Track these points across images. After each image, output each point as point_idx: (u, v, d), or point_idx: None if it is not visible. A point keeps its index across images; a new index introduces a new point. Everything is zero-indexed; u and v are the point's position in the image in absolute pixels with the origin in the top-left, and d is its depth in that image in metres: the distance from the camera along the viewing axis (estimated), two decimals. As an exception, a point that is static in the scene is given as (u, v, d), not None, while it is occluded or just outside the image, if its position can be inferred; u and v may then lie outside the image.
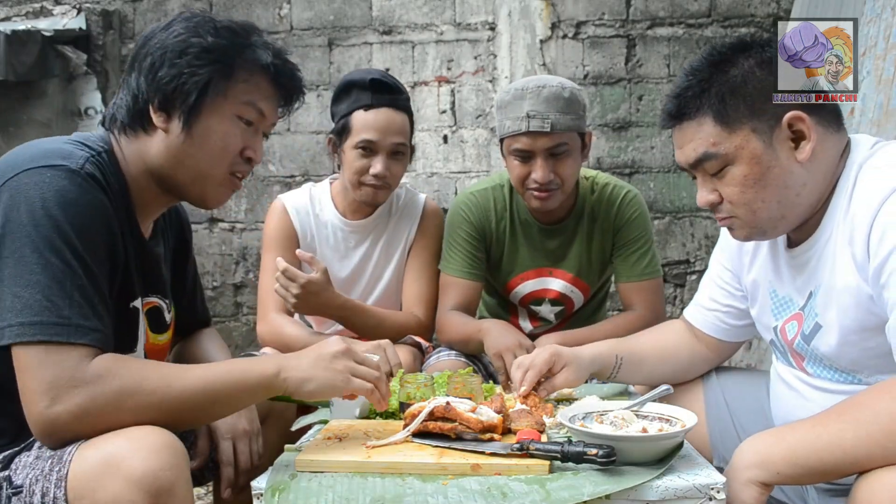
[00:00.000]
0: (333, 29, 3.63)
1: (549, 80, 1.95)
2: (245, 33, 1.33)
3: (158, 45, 1.28)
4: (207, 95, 1.28)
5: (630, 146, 3.54)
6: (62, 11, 3.61)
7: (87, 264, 1.12)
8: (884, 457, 1.05)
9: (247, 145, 1.34)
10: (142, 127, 1.30)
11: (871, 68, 2.43)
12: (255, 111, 1.33)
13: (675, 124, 1.30)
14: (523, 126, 1.90)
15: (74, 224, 1.12)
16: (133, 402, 1.08)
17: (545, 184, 1.92)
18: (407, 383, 1.50)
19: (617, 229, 2.08)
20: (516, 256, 2.12)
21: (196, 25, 1.29)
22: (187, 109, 1.27)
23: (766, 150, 1.22)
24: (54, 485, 1.05)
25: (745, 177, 1.23)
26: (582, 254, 2.10)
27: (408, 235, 2.20)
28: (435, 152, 3.61)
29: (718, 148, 1.23)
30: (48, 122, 3.44)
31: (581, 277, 2.11)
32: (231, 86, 1.30)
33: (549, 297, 2.13)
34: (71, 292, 1.09)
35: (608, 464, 1.11)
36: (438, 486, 1.13)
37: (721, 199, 1.28)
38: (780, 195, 1.23)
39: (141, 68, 1.29)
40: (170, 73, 1.26)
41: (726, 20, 3.49)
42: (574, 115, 1.93)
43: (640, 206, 2.09)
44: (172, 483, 1.02)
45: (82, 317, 1.09)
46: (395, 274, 2.20)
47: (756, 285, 1.45)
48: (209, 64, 1.27)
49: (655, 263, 2.09)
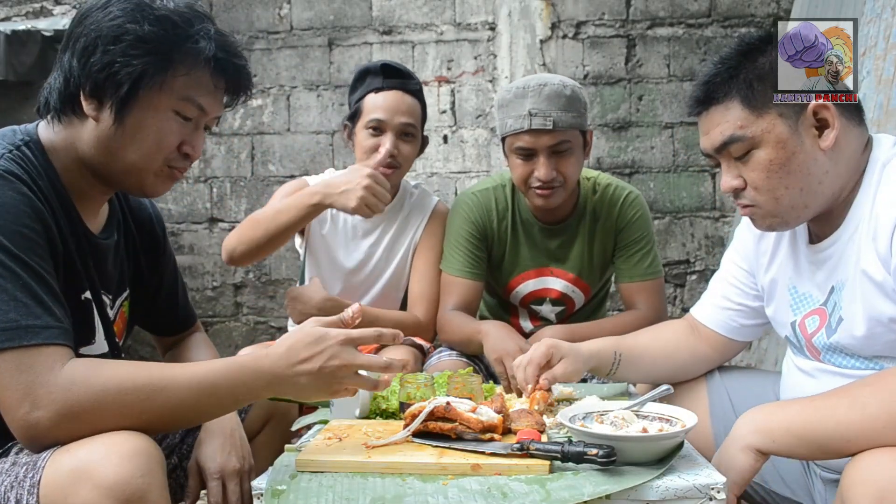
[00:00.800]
0: (333, 29, 3.62)
1: (551, 78, 1.95)
2: (188, 22, 1.23)
3: (93, 26, 1.20)
4: (141, 87, 1.20)
5: (630, 146, 3.54)
6: (62, 11, 3.61)
7: (25, 262, 1.08)
8: (874, 433, 1.06)
9: (184, 140, 1.27)
10: (73, 112, 1.23)
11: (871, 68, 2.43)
12: (194, 107, 1.25)
13: (703, 110, 1.31)
14: (525, 124, 1.90)
15: (3, 226, 1.08)
16: (115, 404, 1.06)
17: (548, 181, 1.93)
18: (407, 383, 1.49)
19: (619, 230, 2.08)
20: (517, 256, 2.12)
21: (134, 9, 1.20)
22: (118, 100, 1.19)
23: (792, 136, 1.24)
24: (27, 492, 1.03)
25: (770, 161, 1.25)
26: (583, 254, 2.10)
27: (415, 232, 2.22)
28: (435, 152, 3.61)
29: (745, 131, 1.25)
30: (48, 122, 3.44)
31: (582, 277, 2.11)
32: (168, 79, 1.21)
33: (550, 297, 2.13)
34: (13, 294, 1.05)
35: (608, 464, 1.11)
36: (438, 486, 1.13)
37: (745, 184, 1.29)
38: (803, 182, 1.25)
39: (74, 49, 1.20)
40: (102, 60, 1.18)
41: (726, 20, 3.49)
42: (575, 113, 1.94)
43: (642, 207, 2.10)
44: (145, 490, 0.99)
45: (30, 316, 1.05)
46: (398, 269, 2.21)
47: (774, 284, 1.45)
48: (144, 55, 1.19)
49: (657, 264, 2.09)
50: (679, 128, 3.52)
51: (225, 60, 1.26)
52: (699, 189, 3.54)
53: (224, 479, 1.34)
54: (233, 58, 1.28)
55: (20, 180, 1.14)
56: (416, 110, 2.13)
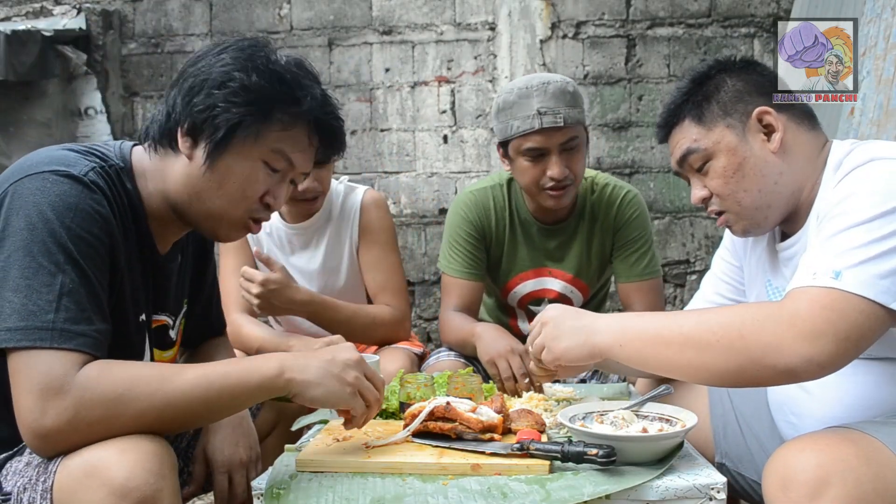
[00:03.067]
0: (333, 29, 3.63)
1: (551, 76, 1.95)
2: (295, 80, 1.25)
3: (204, 68, 1.23)
4: (237, 135, 1.22)
5: (630, 146, 3.54)
6: (62, 11, 3.61)
7: (82, 268, 1.09)
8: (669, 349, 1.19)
9: (268, 191, 1.28)
10: (169, 146, 1.26)
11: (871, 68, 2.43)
12: (283, 160, 1.27)
13: (666, 133, 1.46)
14: (536, 123, 1.88)
15: (70, 228, 1.09)
16: (125, 410, 1.05)
17: (561, 180, 1.91)
18: (407, 383, 1.50)
19: (616, 229, 2.07)
20: (515, 256, 2.12)
21: (247, 59, 1.23)
22: (213, 144, 1.22)
23: (741, 143, 1.35)
24: (40, 495, 1.04)
25: (724, 168, 1.36)
26: (581, 254, 2.10)
27: (351, 235, 2.16)
28: (435, 152, 3.61)
29: (699, 143, 1.38)
30: (48, 122, 3.44)
31: (580, 277, 2.11)
32: (264, 130, 1.23)
33: (549, 297, 2.13)
34: (59, 297, 1.06)
35: (608, 464, 1.11)
36: (438, 486, 1.13)
37: (710, 193, 1.40)
38: (759, 183, 1.34)
39: (181, 88, 1.24)
40: (205, 102, 1.21)
41: (726, 20, 3.49)
42: (580, 109, 1.94)
43: (640, 207, 2.09)
44: (157, 493, 0.99)
45: (69, 321, 1.06)
46: (349, 275, 2.17)
47: (753, 275, 1.50)
48: (245, 104, 1.21)
49: (655, 263, 2.09)
50: (679, 128, 3.52)
51: (323, 122, 1.29)
52: (699, 189, 3.54)
53: (231, 472, 1.35)
54: (332, 120, 1.30)
55: (102, 193, 1.16)
56: None
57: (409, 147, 3.61)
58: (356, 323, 2.01)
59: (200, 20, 3.66)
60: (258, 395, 1.16)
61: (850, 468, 1.01)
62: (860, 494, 1.00)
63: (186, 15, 3.67)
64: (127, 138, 3.61)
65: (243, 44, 1.26)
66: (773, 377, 1.12)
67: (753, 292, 1.50)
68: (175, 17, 3.67)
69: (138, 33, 3.68)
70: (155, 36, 3.68)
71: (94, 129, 3.56)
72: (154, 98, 3.66)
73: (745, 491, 1.52)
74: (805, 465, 1.03)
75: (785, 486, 1.03)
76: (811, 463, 1.02)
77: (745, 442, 1.49)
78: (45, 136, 3.41)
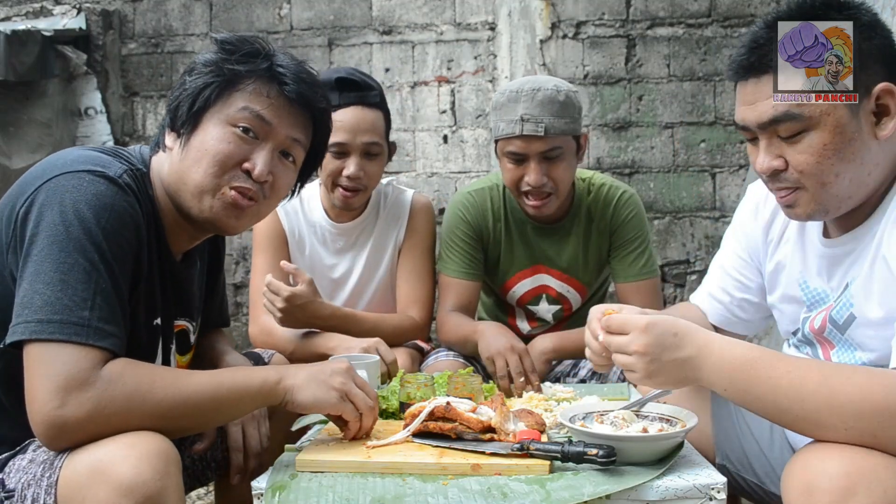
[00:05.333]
0: (333, 29, 3.62)
1: (545, 82, 1.94)
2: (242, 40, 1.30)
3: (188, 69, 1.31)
4: (203, 107, 1.26)
5: (630, 146, 3.54)
6: (62, 11, 3.61)
7: (112, 270, 1.12)
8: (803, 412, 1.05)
9: (245, 157, 1.26)
10: (161, 149, 1.31)
11: (871, 68, 2.42)
12: (251, 116, 1.26)
13: (752, 77, 1.19)
14: (517, 129, 1.89)
15: (106, 228, 1.12)
16: (141, 407, 1.07)
17: (538, 187, 1.92)
18: (407, 383, 1.50)
19: (613, 230, 2.07)
20: (512, 255, 2.12)
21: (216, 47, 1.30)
22: (182, 123, 1.26)
23: (852, 120, 1.14)
24: (45, 491, 1.04)
25: (824, 145, 1.14)
26: (577, 254, 2.10)
27: (396, 237, 2.18)
28: (435, 152, 3.61)
29: (803, 109, 1.14)
30: (48, 122, 3.44)
31: (576, 277, 2.11)
32: (228, 95, 1.27)
33: (547, 294, 2.13)
34: (94, 295, 1.08)
35: (608, 464, 1.11)
36: (439, 486, 1.13)
37: (786, 166, 1.19)
38: (854, 171, 1.16)
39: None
40: (174, 93, 1.28)
41: (726, 20, 3.49)
42: (568, 119, 1.92)
43: (637, 206, 2.09)
44: (162, 491, 1.01)
45: (102, 320, 1.08)
46: (387, 276, 2.18)
47: (778, 271, 1.40)
48: (205, 75, 1.26)
49: (652, 263, 2.09)
50: (679, 128, 3.52)
51: (282, 71, 1.29)
52: (699, 189, 3.53)
53: (243, 424, 1.39)
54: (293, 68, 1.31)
55: (134, 195, 1.19)
56: (380, 124, 2.02)
57: (409, 147, 3.61)
58: (379, 333, 1.97)
59: (200, 20, 3.66)
60: (259, 399, 1.22)
61: (878, 478, 0.97)
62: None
63: (186, 15, 3.67)
64: (127, 138, 3.63)
65: None
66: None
67: (778, 292, 1.41)
68: (175, 17, 3.67)
69: (138, 33, 3.68)
70: (155, 36, 3.68)
71: (94, 129, 3.56)
72: (154, 98, 3.66)
73: (746, 493, 1.52)
74: (831, 472, 0.98)
75: (809, 493, 0.99)
76: (838, 470, 0.98)
77: (747, 445, 1.48)
78: (45, 136, 3.41)
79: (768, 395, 1.08)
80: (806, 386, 1.05)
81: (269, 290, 1.86)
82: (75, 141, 3.55)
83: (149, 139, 3.62)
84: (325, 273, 2.14)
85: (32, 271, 1.08)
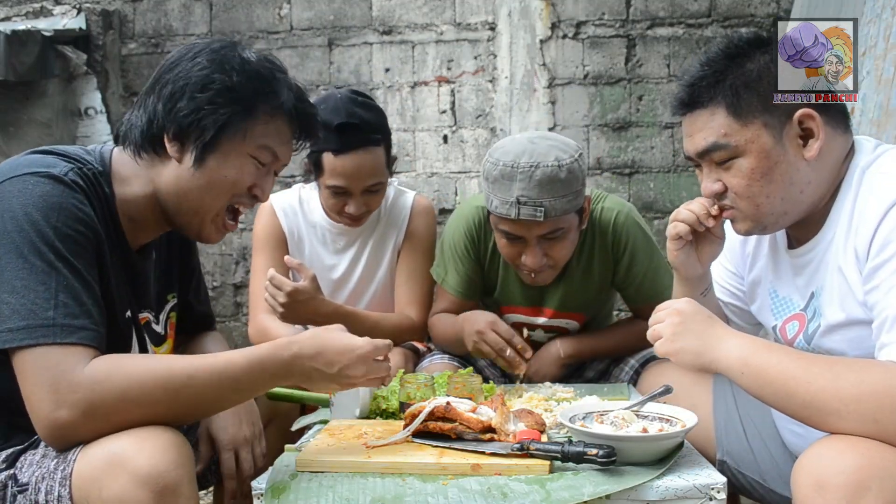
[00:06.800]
0: (333, 29, 3.62)
1: (543, 155, 1.69)
2: (270, 74, 1.31)
3: (182, 74, 1.27)
4: (225, 134, 1.27)
5: (630, 146, 3.54)
6: (62, 11, 3.60)
7: (72, 265, 1.12)
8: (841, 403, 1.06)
9: (255, 184, 1.33)
10: (154, 151, 1.29)
11: (871, 68, 2.43)
12: (270, 154, 1.32)
13: (687, 112, 1.30)
14: (512, 213, 1.68)
15: (57, 227, 1.12)
16: (138, 400, 1.07)
17: (537, 269, 1.77)
18: (407, 383, 1.50)
19: (617, 257, 1.93)
20: (509, 291, 2.01)
21: (222, 60, 1.27)
22: (202, 145, 1.26)
23: (776, 146, 1.23)
24: (59, 483, 1.05)
25: (752, 170, 1.24)
26: (577, 291, 1.96)
27: (396, 238, 2.18)
28: (435, 152, 3.60)
29: (729, 139, 1.24)
30: (48, 122, 3.43)
31: (576, 311, 2.01)
32: (250, 127, 1.28)
33: (542, 327, 2.03)
34: (55, 293, 1.08)
35: (608, 464, 1.12)
36: (438, 486, 1.13)
37: (725, 189, 1.29)
38: (785, 191, 1.24)
39: (161, 94, 1.27)
40: (189, 107, 1.25)
41: (726, 20, 3.49)
42: (571, 196, 1.70)
43: (634, 228, 1.91)
44: (178, 482, 1.02)
45: (69, 316, 1.08)
46: (387, 276, 2.18)
47: (756, 283, 1.46)
48: (230, 103, 1.26)
49: (664, 281, 1.86)
50: (679, 128, 3.51)
51: (303, 111, 1.35)
52: (699, 189, 3.53)
53: (237, 450, 1.38)
54: (308, 107, 1.36)
55: (83, 192, 1.18)
56: (381, 162, 1.98)
57: (409, 147, 3.61)
58: (379, 333, 1.95)
59: (200, 20, 3.66)
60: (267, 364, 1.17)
61: (891, 474, 0.98)
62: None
63: (186, 15, 3.66)
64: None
65: (215, 45, 1.30)
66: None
67: (756, 303, 1.46)
68: (175, 17, 3.67)
69: (138, 33, 3.68)
70: (155, 36, 3.68)
71: (94, 129, 3.56)
72: (154, 98, 3.66)
73: (746, 489, 1.52)
74: (843, 468, 0.99)
75: (820, 488, 0.99)
76: (850, 465, 0.98)
77: (748, 442, 1.48)
78: (45, 136, 3.40)
79: (779, 379, 1.12)
80: (812, 369, 1.10)
81: (272, 285, 1.85)
82: (75, 141, 3.54)
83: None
84: (325, 273, 2.14)
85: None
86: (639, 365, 1.95)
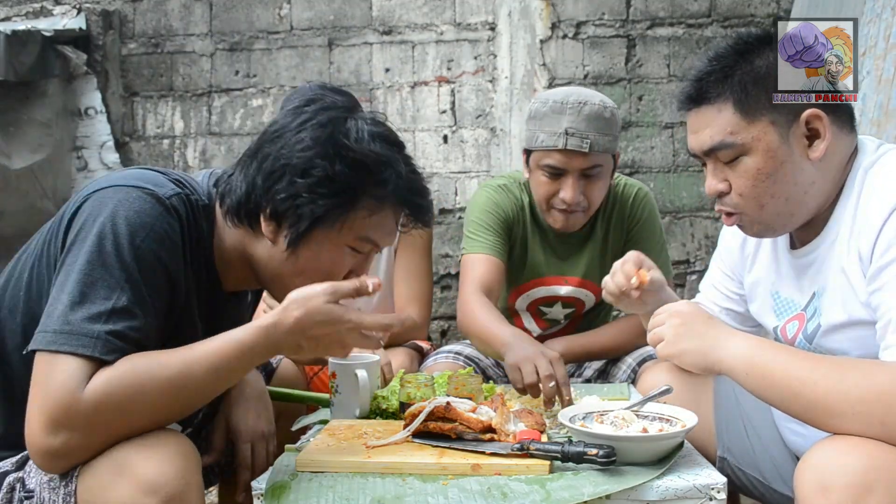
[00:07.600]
0: (333, 29, 3.62)
1: (591, 96, 1.86)
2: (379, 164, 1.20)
3: (285, 150, 1.19)
4: (320, 226, 1.19)
5: (630, 146, 3.54)
6: (62, 11, 3.61)
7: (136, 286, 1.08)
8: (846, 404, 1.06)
9: (353, 269, 1.25)
10: (248, 223, 1.23)
11: (871, 68, 2.43)
12: (369, 244, 1.25)
13: (693, 108, 1.28)
14: (560, 143, 1.81)
15: (140, 247, 1.09)
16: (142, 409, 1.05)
17: (573, 204, 1.86)
18: (407, 383, 1.50)
19: (629, 229, 2.05)
20: (534, 261, 2.07)
21: (328, 140, 1.18)
22: (296, 233, 1.19)
23: (782, 145, 1.21)
24: (63, 492, 1.04)
25: (758, 170, 1.23)
26: (595, 257, 2.06)
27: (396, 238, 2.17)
28: (435, 152, 3.60)
29: (736, 137, 1.23)
30: (48, 122, 3.43)
31: (594, 280, 2.04)
32: (350, 219, 1.20)
33: (561, 300, 2.09)
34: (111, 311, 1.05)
35: (608, 464, 1.12)
36: (438, 486, 1.13)
37: (730, 189, 1.28)
38: (789, 192, 1.23)
39: (261, 168, 1.20)
40: (287, 191, 1.17)
41: (726, 20, 3.49)
42: (611, 137, 1.87)
43: (651, 206, 2.07)
44: (184, 489, 1.01)
45: (114, 335, 1.04)
46: (386, 277, 2.17)
47: (756, 284, 1.45)
48: (330, 195, 1.18)
49: (666, 265, 2.04)
50: (679, 128, 3.52)
51: (410, 201, 1.25)
52: (699, 189, 3.53)
53: (254, 443, 1.40)
54: (418, 198, 1.26)
55: (179, 220, 1.16)
56: None
57: (409, 147, 3.59)
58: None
59: (200, 20, 3.66)
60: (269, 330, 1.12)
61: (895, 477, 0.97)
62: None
63: (186, 15, 3.66)
64: (127, 138, 3.63)
65: (323, 119, 1.20)
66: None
67: (756, 303, 1.46)
68: (175, 17, 3.67)
69: (138, 33, 3.68)
70: (155, 36, 3.68)
71: (94, 129, 3.56)
72: (154, 98, 3.66)
73: (746, 487, 1.52)
74: (847, 469, 0.98)
75: (824, 489, 0.98)
76: (855, 466, 0.98)
77: (748, 440, 1.49)
78: (45, 136, 3.40)
79: (784, 380, 1.11)
80: (818, 369, 1.09)
81: None
82: (75, 141, 3.55)
83: (149, 139, 3.64)
84: None
85: (61, 280, 1.07)
86: (636, 364, 1.95)
